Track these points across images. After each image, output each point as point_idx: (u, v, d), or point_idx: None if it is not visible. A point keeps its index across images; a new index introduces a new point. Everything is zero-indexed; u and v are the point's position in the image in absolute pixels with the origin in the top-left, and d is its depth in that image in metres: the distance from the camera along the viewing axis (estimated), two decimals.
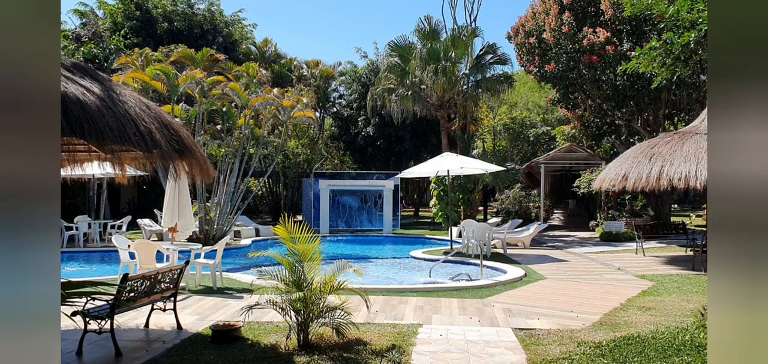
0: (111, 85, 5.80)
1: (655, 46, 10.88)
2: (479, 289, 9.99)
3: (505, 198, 24.74)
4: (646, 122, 24.24)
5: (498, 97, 27.49)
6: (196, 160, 6.51)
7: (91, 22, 29.31)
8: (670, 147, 13.25)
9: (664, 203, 23.36)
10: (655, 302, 8.93)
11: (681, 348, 6.05)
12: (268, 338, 6.65)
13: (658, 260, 14.24)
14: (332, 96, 35.49)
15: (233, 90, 16.79)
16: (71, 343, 6.22)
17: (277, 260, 6.77)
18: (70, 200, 22.49)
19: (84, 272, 13.29)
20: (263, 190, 31.70)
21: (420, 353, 6.12)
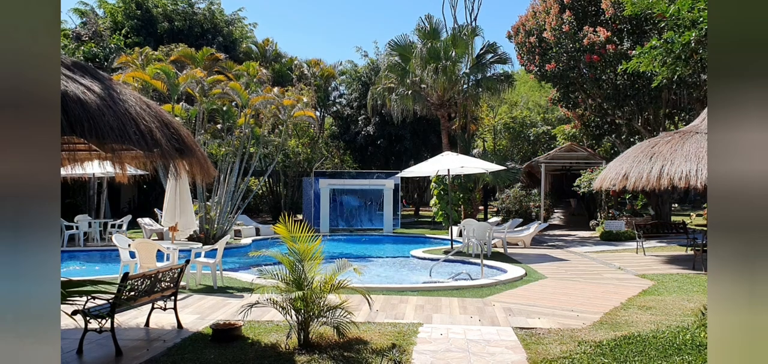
0: (111, 84, 5.80)
1: (655, 46, 10.87)
2: (480, 288, 9.99)
3: (506, 197, 24.73)
4: (647, 122, 24.22)
5: (498, 97, 27.47)
6: (196, 159, 6.51)
7: (91, 21, 29.30)
8: (671, 146, 13.25)
9: (665, 203, 23.35)
10: (656, 301, 8.93)
11: (682, 347, 6.04)
12: (269, 337, 6.64)
13: (658, 260, 14.24)
14: (332, 95, 35.47)
15: (233, 89, 16.79)
16: (72, 342, 6.23)
17: (277, 259, 6.77)
18: (70, 199, 22.49)
19: (84, 271, 13.30)
20: (263, 189, 31.70)
21: (421, 352, 6.12)
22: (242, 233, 19.68)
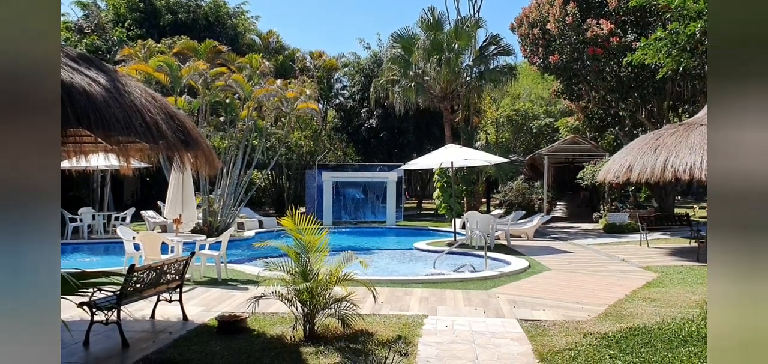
0: (117, 76, 5.79)
1: (660, 37, 10.83)
2: (484, 280, 10.00)
3: (508, 190, 24.72)
4: (650, 114, 24.13)
5: (501, 89, 27.42)
6: (201, 151, 6.50)
7: (94, 13, 29.24)
8: (676, 138, 13.21)
9: (668, 195, 23.29)
10: (660, 293, 8.92)
11: (687, 339, 6.04)
12: (274, 329, 6.66)
13: (662, 252, 14.22)
14: (335, 87, 35.40)
15: (236, 81, 16.77)
16: (78, 334, 6.23)
17: (283, 251, 6.77)
18: (73, 192, 22.50)
19: (89, 263, 13.34)
20: (266, 182, 31.72)
21: (426, 343, 6.12)
22: (245, 225, 19.72)
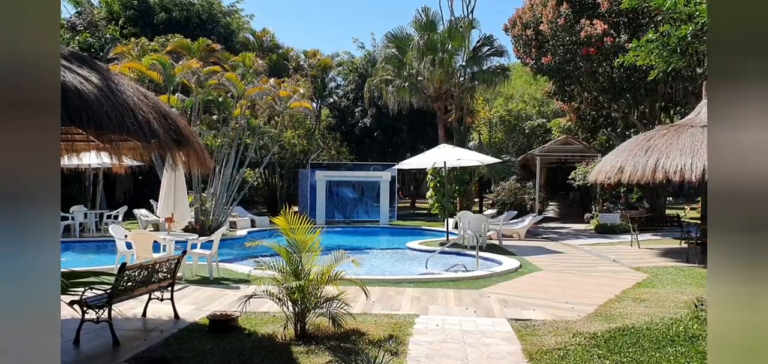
0: (109, 74, 5.79)
1: (652, 39, 10.91)
2: (475, 280, 10.05)
3: (501, 190, 24.79)
4: (642, 115, 24.27)
5: (494, 89, 27.50)
6: (193, 149, 6.50)
7: (87, 11, 29.09)
8: (666, 140, 13.29)
9: (659, 196, 23.44)
10: (650, 293, 9.00)
11: (675, 339, 6.11)
12: (265, 328, 6.68)
13: (652, 252, 14.32)
14: (329, 86, 35.38)
15: (230, 80, 16.75)
16: (69, 332, 6.22)
17: (274, 250, 6.79)
18: (66, 189, 22.39)
19: (80, 261, 13.28)
20: (259, 181, 31.66)
21: (417, 343, 6.16)
22: (238, 224, 19.70)
